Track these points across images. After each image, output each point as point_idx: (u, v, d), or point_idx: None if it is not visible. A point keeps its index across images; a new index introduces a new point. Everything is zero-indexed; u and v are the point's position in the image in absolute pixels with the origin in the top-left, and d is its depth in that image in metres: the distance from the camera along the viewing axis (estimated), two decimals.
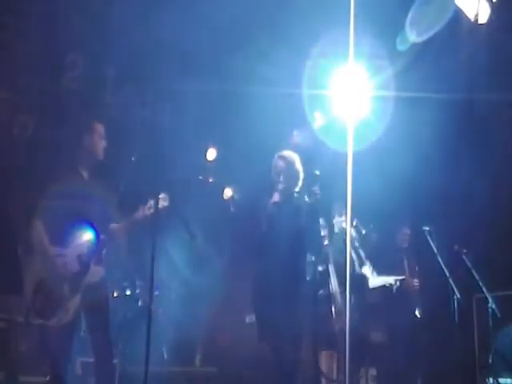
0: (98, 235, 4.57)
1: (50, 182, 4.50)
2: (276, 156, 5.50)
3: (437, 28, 6.09)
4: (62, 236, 4.45)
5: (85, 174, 4.69)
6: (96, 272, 4.55)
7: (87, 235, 4.53)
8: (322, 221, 6.24)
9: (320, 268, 6.24)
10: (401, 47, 6.37)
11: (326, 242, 6.27)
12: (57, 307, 4.34)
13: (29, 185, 4.95)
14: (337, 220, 6.67)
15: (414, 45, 6.38)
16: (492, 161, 7.36)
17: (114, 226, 4.74)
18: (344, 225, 6.49)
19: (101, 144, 4.76)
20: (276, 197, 5.28)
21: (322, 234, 6.29)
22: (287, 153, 5.49)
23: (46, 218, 4.39)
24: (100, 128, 4.81)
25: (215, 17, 6.29)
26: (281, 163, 5.40)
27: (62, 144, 5.37)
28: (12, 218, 3.81)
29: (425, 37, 6.20)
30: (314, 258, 6.11)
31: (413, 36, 6.24)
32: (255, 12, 6.22)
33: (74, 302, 4.41)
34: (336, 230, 6.69)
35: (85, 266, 4.48)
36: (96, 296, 4.50)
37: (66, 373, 4.39)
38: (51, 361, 4.49)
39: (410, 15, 6.10)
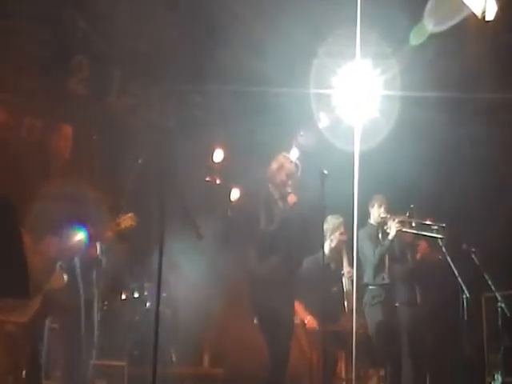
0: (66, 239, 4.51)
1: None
2: (285, 157, 5.49)
3: (457, 18, 5.97)
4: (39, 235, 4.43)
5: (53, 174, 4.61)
6: (59, 278, 4.49)
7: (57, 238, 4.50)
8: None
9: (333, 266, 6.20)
10: (415, 41, 6.26)
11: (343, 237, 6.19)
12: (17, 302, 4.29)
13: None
14: (375, 211, 6.57)
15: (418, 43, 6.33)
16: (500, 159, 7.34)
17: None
18: (382, 216, 6.43)
19: (66, 146, 4.66)
20: (293, 198, 5.24)
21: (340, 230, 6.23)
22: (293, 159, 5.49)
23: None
24: (66, 129, 4.69)
25: (222, 17, 6.30)
26: (293, 167, 5.36)
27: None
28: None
29: (443, 27, 6.06)
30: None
31: (430, 26, 6.12)
32: (261, 11, 6.22)
33: (36, 302, 4.35)
34: (372, 221, 6.61)
35: (49, 269, 4.46)
36: (59, 302, 4.44)
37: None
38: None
39: (427, 6, 5.99)
